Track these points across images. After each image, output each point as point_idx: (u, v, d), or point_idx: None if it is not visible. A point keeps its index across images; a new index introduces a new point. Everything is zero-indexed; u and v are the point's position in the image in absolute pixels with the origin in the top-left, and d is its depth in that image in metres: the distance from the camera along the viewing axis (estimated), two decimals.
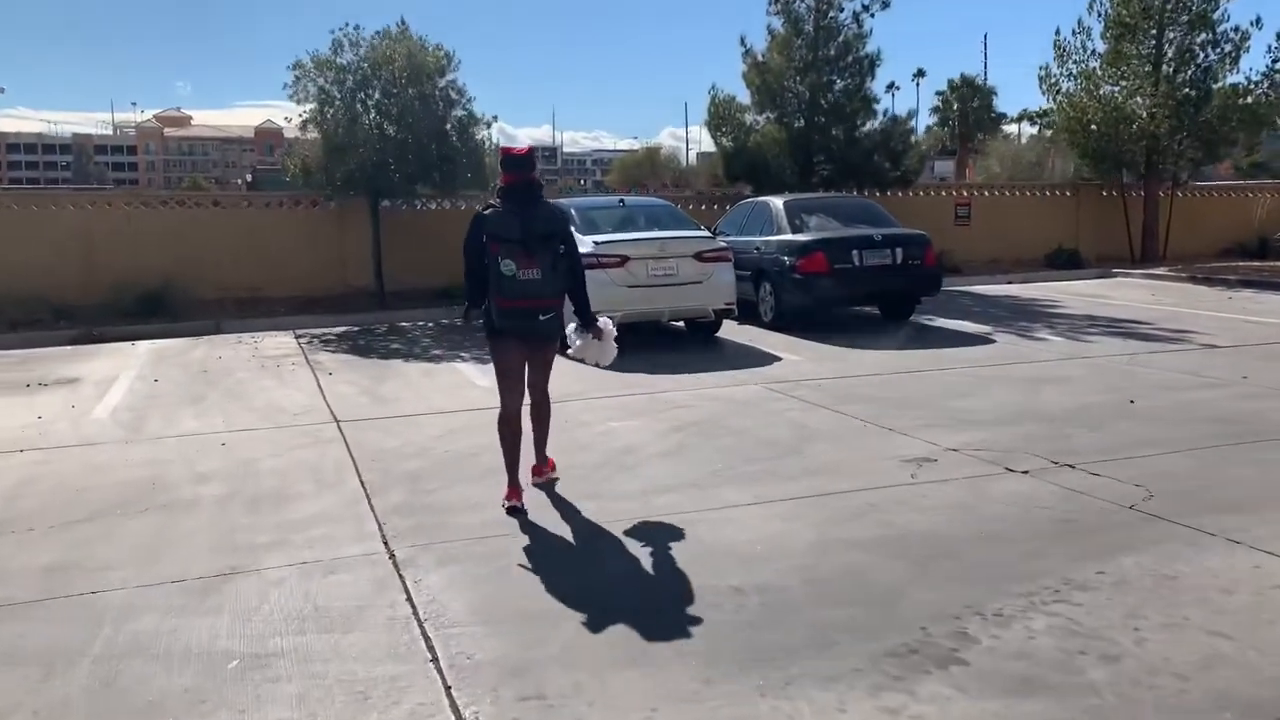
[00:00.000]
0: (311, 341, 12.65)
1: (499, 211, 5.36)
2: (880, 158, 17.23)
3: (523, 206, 5.34)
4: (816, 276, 11.84)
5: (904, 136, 17.12)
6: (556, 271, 5.37)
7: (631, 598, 4.32)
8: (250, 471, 6.49)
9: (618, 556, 4.79)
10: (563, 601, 4.24)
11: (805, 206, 12.91)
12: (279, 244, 15.82)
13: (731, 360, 10.40)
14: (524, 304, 5.31)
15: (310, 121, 14.76)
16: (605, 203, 12.95)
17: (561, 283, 5.46)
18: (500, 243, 5.26)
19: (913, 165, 17.39)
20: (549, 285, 5.34)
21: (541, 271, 5.27)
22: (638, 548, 4.86)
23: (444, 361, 10.82)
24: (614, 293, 10.71)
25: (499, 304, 5.34)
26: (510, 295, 5.29)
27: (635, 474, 6.18)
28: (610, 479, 6.11)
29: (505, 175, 5.45)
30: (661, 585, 4.43)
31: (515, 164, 5.45)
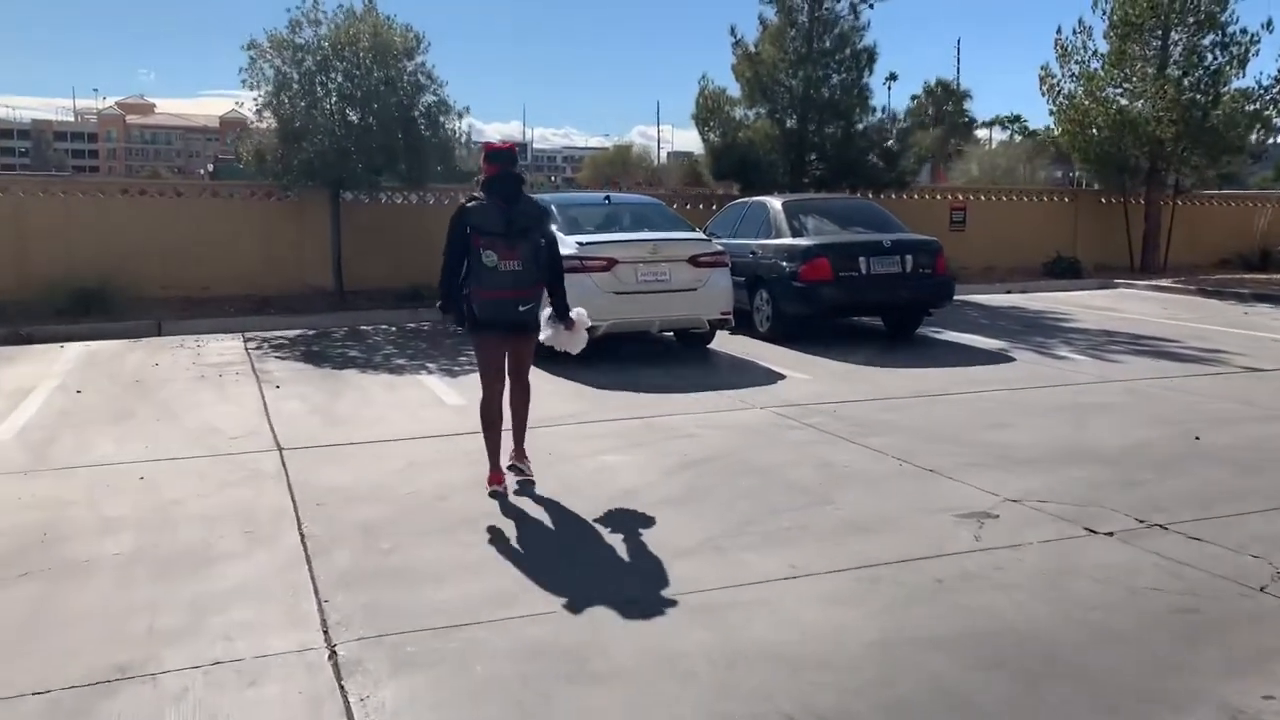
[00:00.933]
0: (261, 346, 11.44)
1: (482, 204, 5.49)
2: (876, 158, 16.23)
3: (506, 200, 5.50)
4: (819, 285, 10.81)
5: (901, 136, 16.13)
6: (537, 263, 5.54)
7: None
8: (168, 518, 5.33)
9: (627, 661, 3.70)
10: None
11: (805, 208, 11.88)
12: (231, 238, 14.56)
13: (731, 378, 9.35)
14: (506, 294, 5.46)
15: (266, 106, 13.52)
16: (589, 199, 11.84)
17: (542, 274, 5.64)
18: (483, 235, 5.40)
19: (909, 167, 16.41)
20: (529, 276, 5.51)
21: (523, 263, 5.44)
22: (652, 645, 3.78)
23: (408, 373, 9.67)
24: (599, 299, 9.61)
25: (481, 295, 5.48)
26: (491, 286, 5.44)
27: (640, 529, 5.09)
28: (609, 535, 5.02)
29: (489, 168, 5.60)
30: (689, 714, 3.35)
31: (499, 158, 5.62)
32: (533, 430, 6.97)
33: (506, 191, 5.52)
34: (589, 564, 4.64)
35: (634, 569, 4.56)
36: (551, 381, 9.01)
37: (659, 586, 4.31)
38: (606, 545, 4.89)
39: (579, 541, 4.96)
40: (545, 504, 5.55)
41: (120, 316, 12.96)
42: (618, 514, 5.35)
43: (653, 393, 8.58)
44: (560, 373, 9.28)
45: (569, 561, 4.68)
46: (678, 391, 8.62)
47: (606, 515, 5.33)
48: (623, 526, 5.15)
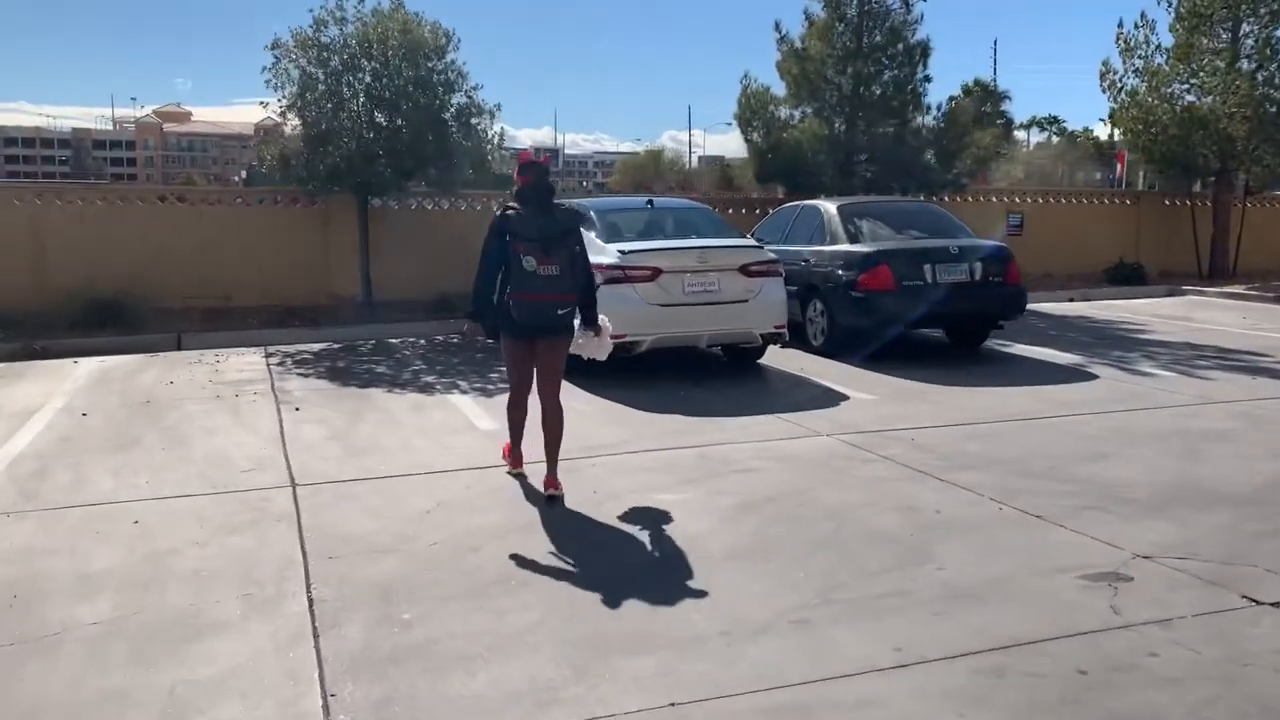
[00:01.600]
0: (283, 362, 10.77)
1: (520, 213, 5.65)
2: (931, 158, 15.35)
3: (540, 209, 5.68)
4: (880, 295, 9.97)
5: (960, 134, 15.23)
6: (574, 270, 5.70)
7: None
8: (158, 574, 4.62)
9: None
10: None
11: (863, 211, 11.04)
12: (255, 246, 13.94)
13: (788, 398, 8.54)
14: (545, 298, 5.59)
15: (290, 108, 12.89)
16: (630, 204, 11.08)
17: (578, 280, 5.76)
18: (523, 241, 5.54)
19: (966, 168, 15.50)
20: (566, 282, 5.64)
21: (560, 269, 5.59)
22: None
23: (437, 393, 8.95)
24: (642, 312, 8.86)
25: (519, 298, 5.58)
26: (531, 290, 5.55)
27: (704, 593, 4.31)
28: (667, 601, 4.24)
29: (523, 178, 5.78)
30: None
31: (533, 169, 5.80)
32: (574, 460, 6.31)
33: (540, 200, 5.71)
34: (645, 641, 3.86)
35: (701, 651, 3.77)
36: (591, 402, 8.27)
37: (732, 678, 3.53)
38: (665, 615, 4.11)
39: (632, 609, 4.18)
40: (591, 555, 4.78)
41: (138, 329, 12.37)
42: (675, 571, 4.57)
43: (701, 416, 7.80)
44: (601, 392, 8.53)
45: (621, 636, 3.90)
46: (729, 414, 7.84)
47: (662, 573, 4.55)
48: (682, 589, 4.36)
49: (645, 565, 4.65)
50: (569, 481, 5.89)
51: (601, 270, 8.84)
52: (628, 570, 4.60)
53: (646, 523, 5.26)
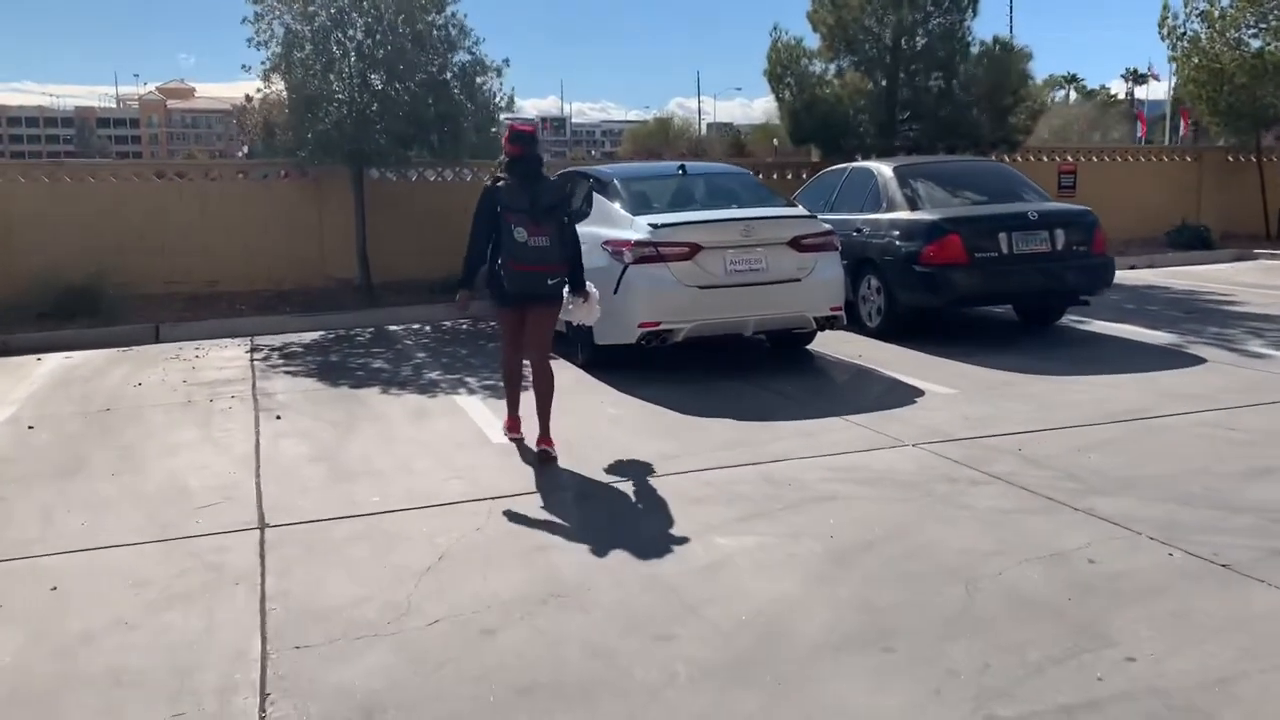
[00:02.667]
0: (269, 357, 9.55)
1: (509, 184, 5.69)
2: (980, 113, 13.96)
3: (529, 179, 5.72)
4: (949, 269, 8.67)
5: (1016, 87, 13.80)
6: (563, 239, 5.74)
7: None
8: (57, 683, 3.41)
9: None
10: None
11: (922, 172, 9.71)
12: (241, 226, 12.68)
13: (853, 394, 7.30)
14: (536, 269, 5.65)
15: (274, 70, 11.59)
16: (659, 170, 9.80)
17: (566, 250, 5.80)
18: (513, 213, 5.59)
19: (1020, 124, 14.09)
20: (555, 252, 5.68)
21: (549, 239, 5.64)
22: None
23: (442, 393, 7.72)
24: (678, 296, 7.62)
25: (511, 268, 5.65)
26: (522, 260, 5.61)
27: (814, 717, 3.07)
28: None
29: (511, 149, 5.77)
30: None
31: (521, 139, 5.78)
32: (608, 482, 5.12)
33: (529, 171, 5.75)
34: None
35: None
36: (622, 403, 7.05)
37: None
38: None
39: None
40: (640, 646, 3.55)
41: (113, 320, 11.17)
42: (765, 672, 3.33)
43: (755, 419, 6.56)
44: (633, 390, 7.32)
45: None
46: (787, 417, 6.60)
47: (748, 676, 3.31)
48: (783, 706, 3.13)
49: (717, 664, 3.42)
50: (606, 514, 4.68)
51: (629, 248, 7.58)
52: (694, 674, 3.37)
53: (711, 586, 4.03)
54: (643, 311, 7.63)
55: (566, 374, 8.09)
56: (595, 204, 8.61)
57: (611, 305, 7.66)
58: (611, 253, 7.84)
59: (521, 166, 5.73)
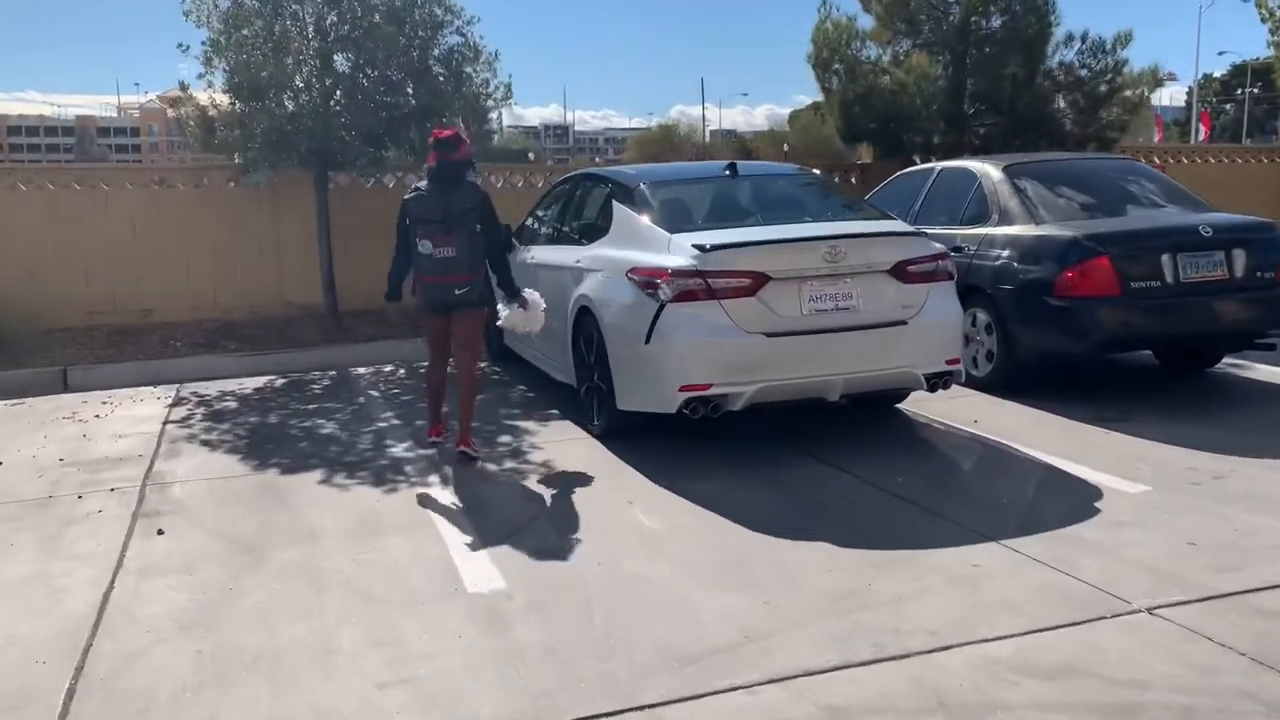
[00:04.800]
0: (191, 417, 7.33)
1: (422, 194, 5.70)
2: (1067, 105, 11.71)
3: (445, 187, 5.65)
4: (1097, 303, 6.41)
5: (1113, 73, 11.53)
6: (473, 249, 5.63)
7: None
8: None
9: None
10: None
11: (1042, 173, 7.44)
12: (182, 242, 10.45)
13: (996, 493, 5.04)
14: (442, 279, 5.65)
15: (216, 52, 9.37)
16: (697, 171, 7.61)
17: (478, 259, 5.68)
18: (421, 224, 5.62)
19: (1115, 118, 11.80)
20: (464, 263, 5.62)
21: (457, 250, 5.59)
22: None
23: (405, 483, 5.49)
24: (737, 347, 5.40)
25: (419, 280, 5.75)
26: (429, 273, 5.67)
27: None
28: None
29: (431, 156, 5.74)
30: None
31: (440, 146, 5.68)
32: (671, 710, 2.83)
33: (444, 179, 5.65)
34: None
35: None
36: (662, 504, 4.87)
37: None
38: None
39: None
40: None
41: (15, 361, 8.95)
42: None
43: (870, 546, 4.32)
44: (676, 480, 5.13)
45: None
46: (918, 540, 4.36)
47: None
48: None
49: None
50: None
51: (665, 279, 5.37)
52: None
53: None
54: (687, 370, 5.41)
55: (575, 449, 5.90)
56: (615, 218, 6.40)
57: (641, 360, 5.44)
58: (640, 285, 5.62)
59: (438, 175, 5.65)
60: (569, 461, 5.77)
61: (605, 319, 5.93)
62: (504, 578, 4.08)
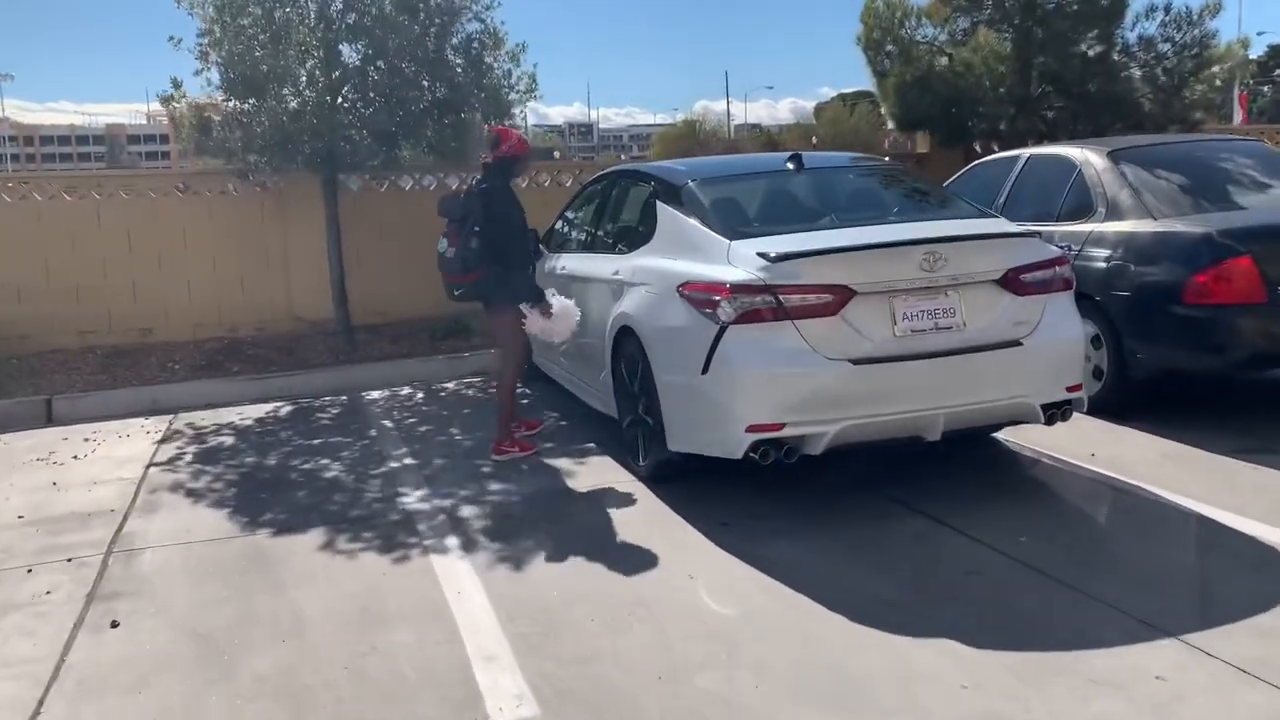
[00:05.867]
0: (180, 456, 6.45)
1: (458, 194, 6.26)
2: (1146, 83, 10.61)
3: (476, 186, 5.81)
4: (1236, 311, 5.39)
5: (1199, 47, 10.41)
6: (468, 250, 5.66)
7: None
8: None
9: None
10: None
11: (1152, 160, 6.40)
12: (183, 255, 9.59)
13: (1147, 560, 4.03)
14: (445, 279, 5.87)
15: (212, 44, 8.50)
16: (754, 165, 6.62)
17: (473, 259, 5.66)
18: (449, 223, 5.80)
19: (1200, 97, 10.67)
20: (457, 264, 5.73)
21: (457, 250, 5.72)
22: None
23: (418, 548, 4.56)
24: (815, 377, 4.44)
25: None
26: (440, 269, 5.87)
27: None
28: None
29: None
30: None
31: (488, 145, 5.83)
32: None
33: (480, 178, 5.78)
34: None
35: None
36: (728, 577, 3.91)
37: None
38: None
39: None
40: None
41: None
42: None
43: (1009, 647, 3.34)
44: (743, 543, 4.13)
45: None
46: (1075, 639, 3.36)
47: None
48: None
49: None
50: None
51: (725, 295, 4.44)
52: None
53: None
54: (754, 406, 4.44)
55: (618, 498, 5.07)
56: (660, 221, 5.44)
57: (697, 393, 4.49)
58: (694, 303, 4.66)
59: (482, 173, 5.76)
60: (612, 515, 4.83)
61: (652, 343, 4.98)
62: (536, 698, 3.14)
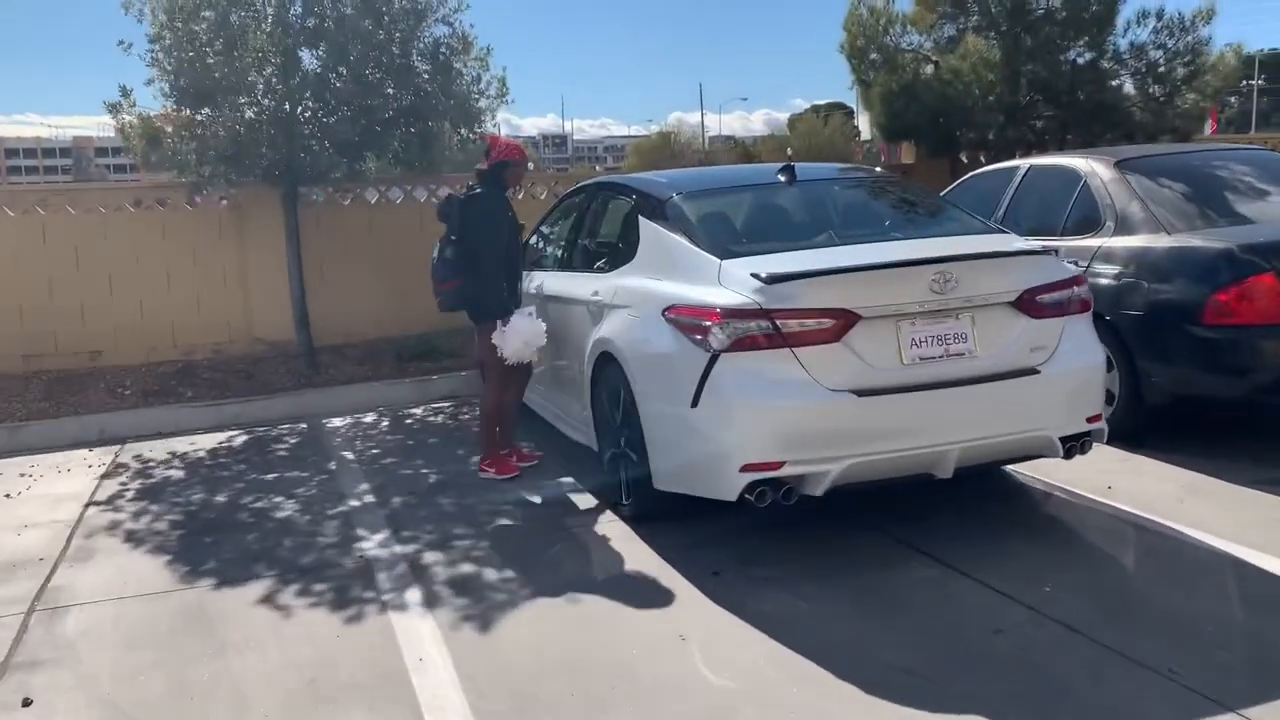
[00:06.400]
0: (121, 494, 5.95)
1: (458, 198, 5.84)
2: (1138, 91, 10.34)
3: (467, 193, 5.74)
4: (1260, 332, 5.04)
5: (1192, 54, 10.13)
6: (443, 256, 5.59)
7: None
8: None
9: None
10: None
11: (1160, 169, 6.05)
12: (135, 274, 9.03)
13: (1191, 616, 3.63)
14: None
15: (162, 50, 8.01)
16: (743, 177, 6.21)
17: (445, 269, 5.58)
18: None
19: (1192, 107, 10.39)
20: (438, 271, 5.64)
21: (438, 255, 5.63)
22: None
23: (375, 605, 4.10)
24: (818, 410, 4.02)
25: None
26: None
27: None
28: None
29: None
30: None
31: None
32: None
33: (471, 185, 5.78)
34: None
35: None
36: (724, 634, 3.51)
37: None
38: None
39: None
40: None
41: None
42: None
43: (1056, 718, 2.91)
44: (737, 595, 3.73)
45: None
46: (1119, 710, 2.96)
47: None
48: None
49: None
50: None
51: (716, 320, 4.03)
52: None
53: None
54: (750, 443, 4.03)
55: (599, 541, 4.66)
56: (643, 238, 5.02)
57: (686, 428, 4.08)
58: (682, 329, 4.25)
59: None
60: (592, 562, 4.41)
61: (635, 371, 4.56)
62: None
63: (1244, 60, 10.76)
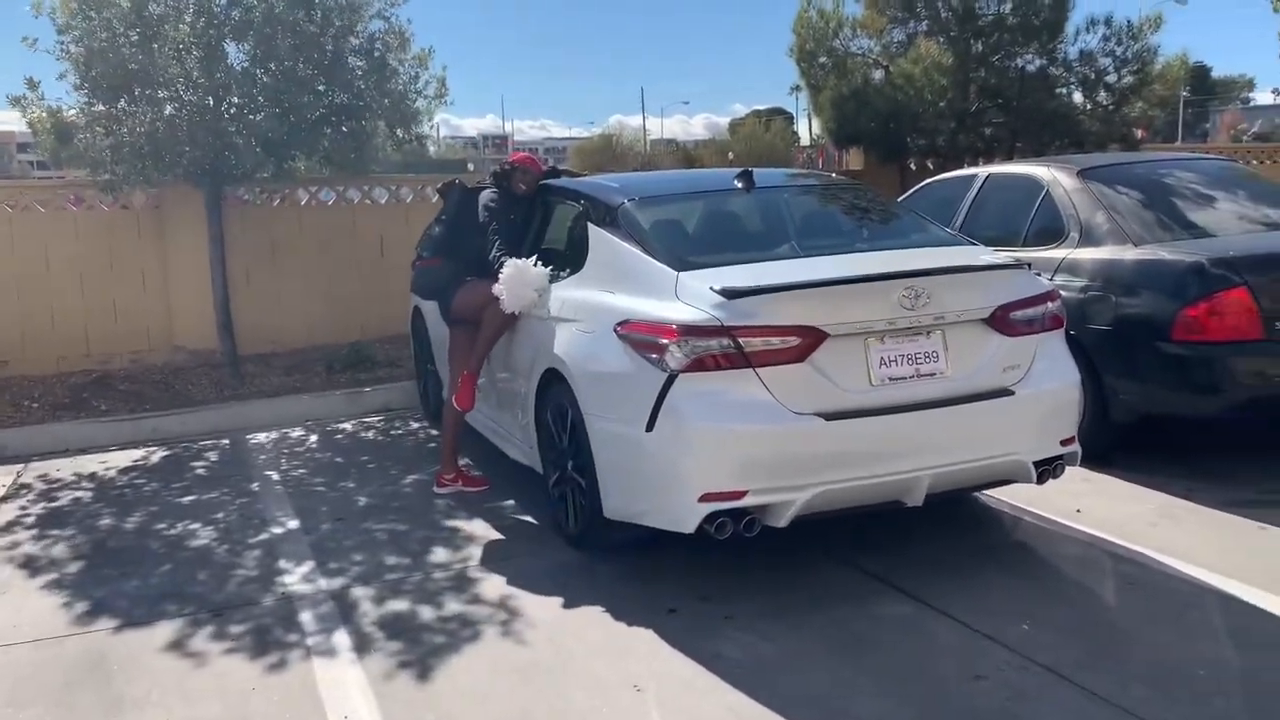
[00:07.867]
0: (22, 518, 5.46)
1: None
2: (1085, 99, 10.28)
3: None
4: (1231, 348, 4.87)
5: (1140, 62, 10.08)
6: (429, 232, 5.63)
7: None
8: None
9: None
10: None
11: (1125, 179, 5.88)
12: (44, 277, 8.47)
13: (1161, 648, 3.40)
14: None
15: (72, 38, 7.48)
16: (699, 183, 5.85)
17: (429, 244, 5.57)
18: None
19: (1139, 114, 10.35)
20: (423, 244, 5.67)
21: (426, 231, 5.74)
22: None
23: (299, 641, 3.72)
24: (783, 434, 3.73)
25: None
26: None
27: None
28: None
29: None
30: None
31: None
32: None
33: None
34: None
35: None
36: (710, 695, 3.10)
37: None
38: None
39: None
40: None
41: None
42: None
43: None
44: (693, 638, 3.37)
45: None
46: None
47: None
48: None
49: None
50: None
51: (673, 338, 3.70)
52: None
53: None
54: (710, 470, 3.72)
55: (543, 572, 4.28)
56: (593, 247, 4.70)
57: (640, 454, 3.78)
58: (636, 346, 3.93)
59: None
60: (536, 599, 4.05)
61: (584, 391, 4.22)
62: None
63: (1189, 70, 10.71)
